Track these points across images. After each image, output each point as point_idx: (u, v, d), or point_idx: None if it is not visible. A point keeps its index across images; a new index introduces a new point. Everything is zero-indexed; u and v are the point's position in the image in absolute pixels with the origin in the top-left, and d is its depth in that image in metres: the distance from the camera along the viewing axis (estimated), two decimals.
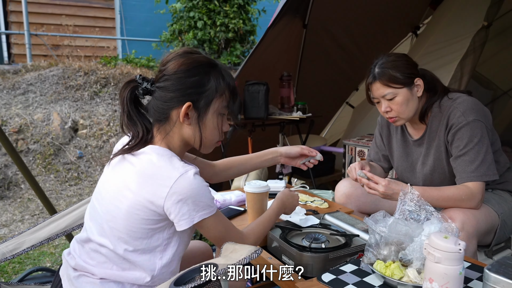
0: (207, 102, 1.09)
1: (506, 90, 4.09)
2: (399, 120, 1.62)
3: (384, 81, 1.56)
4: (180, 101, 1.07)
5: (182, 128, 1.10)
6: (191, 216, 1.04)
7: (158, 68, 1.13)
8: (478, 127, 1.50)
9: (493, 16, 2.92)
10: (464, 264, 0.92)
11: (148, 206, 1.03)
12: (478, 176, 1.49)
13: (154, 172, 1.04)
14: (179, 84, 1.07)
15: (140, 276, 1.07)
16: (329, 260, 1.30)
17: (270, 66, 2.94)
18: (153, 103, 1.10)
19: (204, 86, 1.08)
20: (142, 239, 1.06)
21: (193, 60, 1.09)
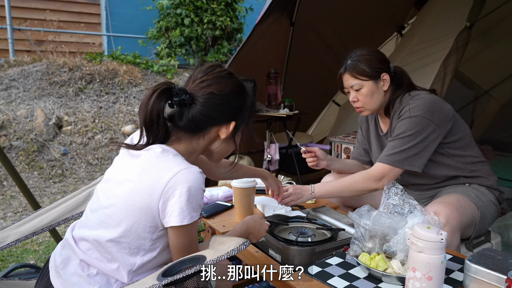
0: (243, 121, 1.17)
1: (487, 89, 4.20)
2: (365, 110, 1.73)
3: (352, 73, 1.67)
4: (225, 120, 1.13)
5: (214, 143, 1.16)
6: (182, 215, 1.02)
7: (195, 81, 1.13)
8: (419, 122, 1.57)
9: (475, 17, 2.99)
10: (446, 254, 0.95)
11: (144, 198, 1.03)
12: (388, 160, 1.59)
13: (156, 164, 1.05)
14: (228, 104, 1.12)
15: (118, 270, 1.07)
16: (315, 254, 1.32)
17: (257, 63, 2.95)
18: (192, 116, 1.10)
19: (243, 108, 1.16)
20: (130, 232, 1.06)
21: (237, 83, 1.15)
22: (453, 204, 1.50)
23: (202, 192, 1.06)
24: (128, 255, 1.07)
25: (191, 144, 1.14)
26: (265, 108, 2.74)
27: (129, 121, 5.00)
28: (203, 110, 1.10)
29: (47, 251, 2.62)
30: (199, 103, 1.10)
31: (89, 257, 1.09)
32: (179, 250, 1.07)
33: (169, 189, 1.01)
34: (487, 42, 3.66)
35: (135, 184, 1.05)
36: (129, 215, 1.05)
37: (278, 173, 3.09)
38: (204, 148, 1.16)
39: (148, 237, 1.07)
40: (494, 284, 0.99)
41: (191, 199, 1.02)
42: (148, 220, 1.05)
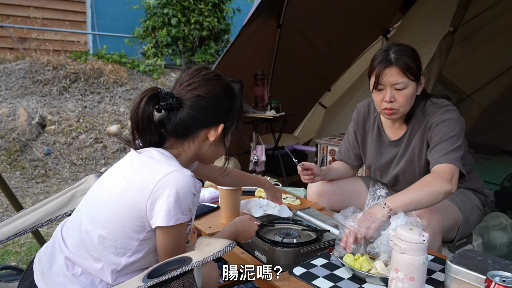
0: (232, 124, 1.18)
1: (469, 93, 4.28)
2: (397, 113, 1.58)
3: (402, 68, 1.50)
4: (213, 122, 1.12)
5: (203, 145, 1.15)
6: (169, 215, 1.02)
7: (182, 84, 1.13)
8: (456, 125, 1.54)
9: (458, 22, 3.05)
10: (427, 255, 0.97)
11: (134, 197, 1.03)
12: (446, 159, 1.46)
13: (149, 164, 1.06)
14: (215, 106, 1.12)
15: (102, 270, 1.06)
16: (300, 255, 1.33)
17: (244, 64, 2.96)
18: (179, 120, 1.10)
19: (232, 108, 1.16)
20: (118, 230, 1.06)
21: (225, 85, 1.15)
22: (435, 208, 1.51)
23: (192, 195, 1.06)
24: (113, 255, 1.06)
25: (183, 149, 1.14)
26: (252, 110, 2.75)
27: (114, 121, 4.95)
28: (190, 114, 1.10)
29: (29, 253, 2.57)
30: (186, 106, 1.10)
31: (74, 255, 1.08)
32: (166, 252, 1.07)
33: (158, 189, 1.01)
34: (470, 47, 3.74)
35: (128, 183, 1.06)
36: (118, 212, 1.05)
37: (264, 174, 3.10)
38: (195, 153, 1.16)
39: (135, 237, 1.06)
40: (473, 284, 1.02)
41: (179, 200, 1.02)
42: (136, 220, 1.05)
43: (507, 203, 2.80)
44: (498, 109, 4.35)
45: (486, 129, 4.33)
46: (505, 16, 3.48)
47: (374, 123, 1.81)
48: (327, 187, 1.88)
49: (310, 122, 4.06)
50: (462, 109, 4.39)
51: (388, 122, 1.75)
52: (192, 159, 1.18)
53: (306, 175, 1.77)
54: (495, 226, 2.17)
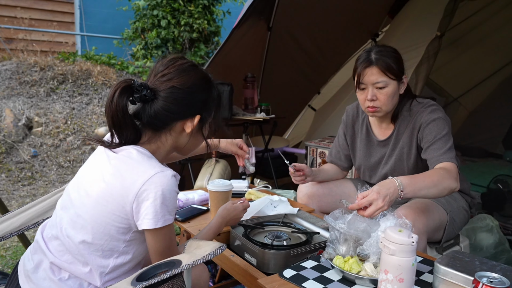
0: (210, 114, 1.16)
1: (456, 97, 4.35)
2: (380, 111, 1.63)
3: (381, 68, 1.56)
4: (189, 114, 1.10)
5: (180, 137, 1.13)
6: (156, 218, 1.01)
7: (156, 74, 1.10)
8: (445, 123, 1.58)
9: (445, 27, 3.09)
10: (416, 257, 0.98)
11: (118, 200, 1.02)
12: (448, 158, 1.49)
13: (130, 166, 1.04)
14: (191, 98, 1.09)
15: (91, 273, 1.05)
16: (290, 257, 1.33)
17: (234, 67, 2.96)
18: (154, 112, 1.08)
19: (209, 100, 1.14)
20: (103, 234, 1.04)
21: (201, 75, 1.12)
22: (420, 209, 1.53)
23: (176, 195, 1.06)
24: (100, 258, 1.05)
25: (161, 141, 1.12)
26: (242, 112, 2.75)
27: (102, 122, 4.90)
28: (165, 106, 1.07)
29: (14, 257, 2.53)
30: (161, 98, 1.07)
31: (59, 259, 1.06)
32: (157, 253, 1.06)
33: (143, 192, 1.00)
34: (457, 51, 3.80)
35: (107, 185, 1.04)
36: (102, 216, 1.03)
37: (254, 176, 3.10)
38: (173, 145, 1.14)
39: (121, 239, 1.05)
40: (461, 285, 1.03)
41: (166, 202, 1.01)
42: (122, 222, 1.04)
43: (493, 205, 2.84)
44: (484, 112, 4.43)
45: (473, 132, 4.40)
46: (491, 21, 3.55)
47: (363, 124, 1.85)
48: (317, 189, 1.89)
49: (300, 124, 4.08)
50: (449, 112, 4.45)
51: (376, 122, 1.79)
52: (170, 151, 1.16)
53: (297, 176, 1.78)
54: (482, 227, 2.20)
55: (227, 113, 2.54)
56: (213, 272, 2.23)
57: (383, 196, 1.24)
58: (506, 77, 4.23)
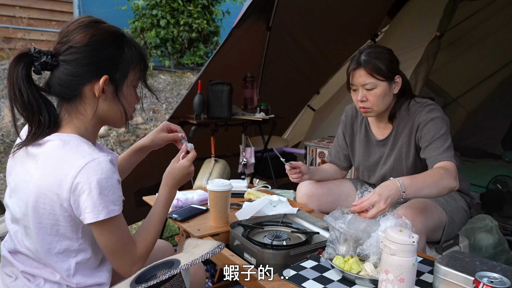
0: (124, 75, 1.03)
1: (455, 97, 4.35)
2: (371, 112, 1.66)
3: (369, 70, 1.58)
4: (95, 74, 0.99)
5: (97, 105, 1.02)
6: (96, 210, 0.93)
7: (58, 40, 1.00)
8: (443, 122, 1.59)
9: (445, 27, 3.09)
10: (417, 257, 0.97)
11: (54, 199, 0.94)
12: (447, 157, 1.50)
13: (58, 161, 0.94)
14: (93, 56, 0.98)
15: (61, 277, 1.00)
16: (290, 257, 1.32)
17: (233, 66, 2.95)
18: (59, 79, 0.98)
19: (120, 57, 1.01)
20: (53, 236, 0.98)
21: (105, 31, 1.00)
22: (419, 208, 1.53)
23: (116, 181, 0.96)
24: (60, 262, 0.99)
25: (81, 114, 1.01)
26: (241, 112, 2.74)
27: None
28: (67, 69, 0.97)
29: None
30: (62, 62, 0.97)
31: (30, 267, 1.01)
32: (107, 248, 0.99)
33: (77, 186, 0.92)
34: (456, 51, 3.80)
35: (40, 189, 0.95)
36: (45, 219, 0.97)
37: (253, 176, 3.09)
38: (95, 115, 1.03)
39: (73, 237, 0.99)
40: (462, 285, 1.03)
41: (104, 191, 0.93)
42: (66, 220, 0.97)
43: (492, 205, 2.84)
44: (483, 113, 4.43)
45: (472, 133, 4.41)
46: (490, 21, 3.55)
47: (361, 123, 1.86)
48: (316, 188, 1.90)
49: (299, 124, 4.08)
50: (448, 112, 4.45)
51: (374, 122, 1.80)
52: (96, 124, 1.05)
53: (294, 174, 1.78)
54: (481, 228, 2.20)
55: (226, 113, 2.54)
56: (212, 272, 2.22)
57: (385, 198, 1.24)
58: (505, 78, 4.23)
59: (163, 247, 1.45)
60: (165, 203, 1.16)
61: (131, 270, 1.01)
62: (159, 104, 5.58)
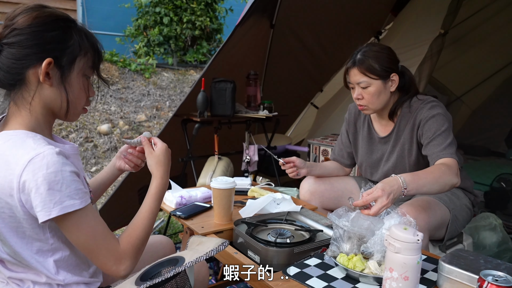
0: (71, 60, 0.97)
1: (459, 95, 4.33)
2: (368, 109, 1.68)
3: (362, 69, 1.60)
4: (39, 57, 0.93)
5: (43, 91, 0.96)
6: (47, 207, 0.86)
7: (3, 25, 0.95)
8: (444, 119, 1.59)
9: (449, 25, 3.08)
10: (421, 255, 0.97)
11: (10, 202, 0.89)
12: (448, 154, 1.51)
13: (3, 161, 0.89)
14: (36, 38, 0.92)
15: (41, 278, 0.97)
16: (294, 255, 1.33)
17: (237, 64, 2.95)
18: (2, 65, 0.92)
19: (67, 41, 0.96)
20: (21, 239, 0.93)
21: (50, 14, 0.95)
22: (421, 206, 1.53)
23: (69, 173, 0.89)
24: (39, 262, 0.95)
25: (28, 102, 0.95)
26: (245, 109, 2.74)
27: (105, 120, 4.91)
28: (9, 52, 0.92)
29: None
30: (5, 46, 0.92)
31: (16, 272, 0.99)
32: (81, 246, 0.93)
33: (24, 184, 0.86)
34: (460, 49, 3.78)
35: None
36: (8, 223, 0.91)
37: (256, 174, 3.09)
38: (42, 104, 0.97)
39: (42, 238, 0.94)
40: (466, 284, 1.02)
41: (55, 186, 0.86)
42: (28, 222, 0.91)
43: (496, 203, 2.83)
44: (487, 111, 4.41)
45: (476, 131, 4.39)
46: (495, 18, 3.53)
47: (364, 121, 1.87)
48: (319, 185, 1.90)
49: (302, 122, 4.07)
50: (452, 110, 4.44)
51: (376, 119, 1.82)
52: (46, 114, 0.99)
53: (289, 168, 1.81)
54: (485, 226, 2.19)
55: (229, 111, 2.54)
56: (216, 270, 2.23)
57: (388, 194, 1.24)
58: (509, 76, 4.21)
59: (163, 243, 1.44)
60: (157, 197, 1.08)
61: (118, 269, 0.95)
62: (162, 102, 5.58)
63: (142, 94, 5.52)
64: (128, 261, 0.97)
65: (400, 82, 1.67)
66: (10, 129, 0.95)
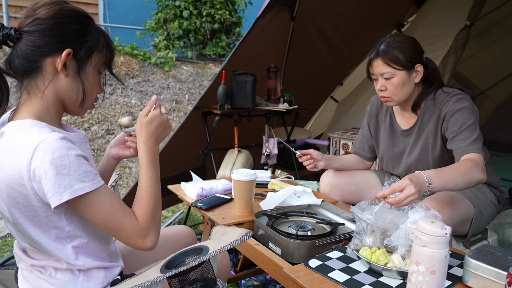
0: (88, 54, 1.00)
1: (484, 89, 4.22)
2: (391, 101, 1.66)
3: (386, 60, 1.58)
4: (58, 47, 0.95)
5: (59, 81, 0.98)
6: (58, 191, 0.87)
7: (24, 15, 0.98)
8: (471, 113, 1.55)
9: (475, 16, 2.99)
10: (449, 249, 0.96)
11: (24, 192, 0.90)
12: (474, 149, 1.48)
13: (12, 152, 0.90)
14: (58, 29, 0.95)
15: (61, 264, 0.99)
16: (315, 247, 1.32)
17: (257, 57, 2.94)
18: (20, 51, 0.95)
19: (86, 36, 0.99)
20: (38, 227, 0.95)
21: (72, 8, 0.99)
22: (445, 201, 1.51)
23: (75, 157, 0.89)
24: (58, 249, 0.97)
25: (41, 91, 0.97)
26: (265, 102, 2.73)
27: (125, 112, 4.98)
28: (29, 40, 0.94)
29: None
30: (25, 34, 0.95)
31: (38, 260, 1.01)
32: (103, 226, 0.95)
33: (34, 171, 0.87)
34: (486, 42, 3.68)
35: (5, 183, 0.91)
36: (24, 213, 0.93)
37: (275, 167, 3.09)
38: (55, 93, 0.98)
39: (59, 225, 0.95)
40: (493, 280, 1.00)
41: (61, 171, 0.87)
42: (43, 210, 0.93)
43: None
44: None
45: (500, 126, 4.27)
46: None
47: (386, 113, 1.85)
48: (339, 178, 1.89)
49: (321, 116, 4.04)
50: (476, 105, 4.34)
51: (399, 112, 1.79)
52: (57, 104, 1.00)
53: (306, 160, 1.80)
54: (510, 223, 2.14)
55: (250, 104, 2.54)
56: (235, 261, 2.25)
57: (416, 184, 1.23)
58: None
59: (185, 233, 1.46)
60: (147, 163, 1.04)
61: (144, 241, 0.97)
62: (182, 95, 5.62)
63: (162, 87, 5.57)
64: (151, 231, 0.98)
65: (424, 73, 1.64)
66: (18, 118, 0.96)
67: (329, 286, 1.09)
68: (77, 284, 1.00)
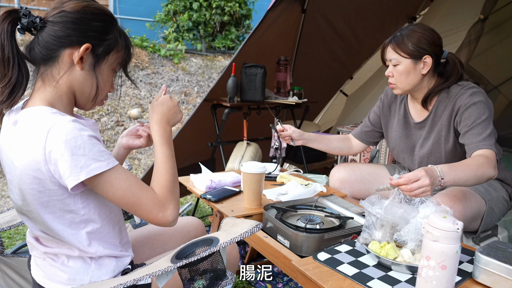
0: (106, 52, 1.02)
1: (496, 85, 4.16)
2: (397, 88, 1.67)
3: (394, 46, 1.60)
4: (79, 41, 0.98)
5: (74, 73, 1.00)
6: (75, 172, 0.89)
7: (51, 7, 1.01)
8: (485, 107, 1.53)
9: (490, 10, 2.94)
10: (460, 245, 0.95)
11: (39, 177, 0.92)
12: (487, 145, 1.46)
13: (26, 138, 0.92)
14: (81, 23, 0.98)
15: (80, 251, 1.01)
16: (324, 241, 1.32)
17: (267, 49, 2.93)
18: (41, 39, 0.97)
19: (107, 34, 1.02)
20: (53, 213, 0.97)
21: (98, 7, 1.02)
22: (456, 196, 1.50)
23: (87, 137, 0.91)
24: (72, 235, 0.99)
25: (56, 80, 0.99)
26: (274, 95, 2.73)
27: (135, 104, 5.00)
28: (52, 30, 0.97)
29: None
30: (49, 23, 0.97)
31: (51, 248, 1.03)
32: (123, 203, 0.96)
33: (49, 154, 0.89)
34: (500, 36, 3.61)
35: (21, 170, 0.93)
36: (38, 198, 0.95)
37: (284, 161, 3.09)
38: (68, 84, 1.01)
39: (74, 209, 0.97)
40: (504, 276, 1.00)
41: (76, 151, 0.89)
42: (58, 194, 0.94)
43: None
44: None
45: None
46: None
47: (401, 105, 1.83)
48: (350, 175, 1.88)
49: (331, 109, 4.02)
50: None
51: (412, 104, 1.78)
52: (70, 94, 1.02)
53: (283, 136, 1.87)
54: None
55: (259, 96, 2.53)
56: (242, 254, 2.26)
57: (430, 176, 1.23)
58: None
59: (194, 224, 1.47)
60: (161, 141, 1.08)
61: (165, 215, 0.99)
62: (191, 87, 5.63)
63: (171, 80, 5.58)
64: (171, 204, 1.00)
65: (438, 67, 1.62)
66: (32, 105, 0.98)
67: (338, 279, 1.09)
68: (88, 272, 1.02)
